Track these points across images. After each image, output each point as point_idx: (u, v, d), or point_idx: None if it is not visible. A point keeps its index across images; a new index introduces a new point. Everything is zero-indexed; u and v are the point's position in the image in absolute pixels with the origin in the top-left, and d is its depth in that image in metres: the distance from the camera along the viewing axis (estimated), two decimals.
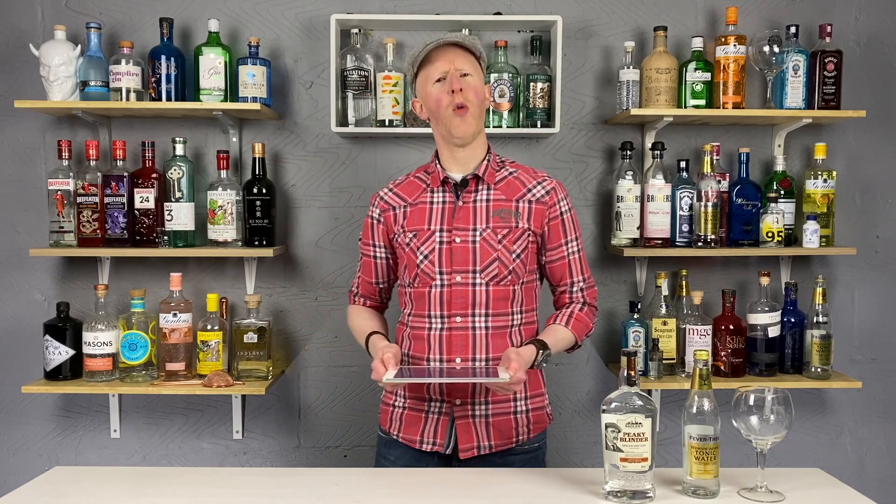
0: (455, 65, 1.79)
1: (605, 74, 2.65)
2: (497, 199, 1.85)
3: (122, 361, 2.45)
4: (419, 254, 1.83)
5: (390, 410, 1.92)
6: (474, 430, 1.84)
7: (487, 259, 1.81)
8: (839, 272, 2.72)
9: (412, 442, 1.87)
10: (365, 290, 2.02)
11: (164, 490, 1.63)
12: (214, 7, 2.60)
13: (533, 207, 1.85)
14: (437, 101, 1.80)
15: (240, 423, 2.66)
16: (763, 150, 2.67)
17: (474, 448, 1.84)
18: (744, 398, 1.58)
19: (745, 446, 1.66)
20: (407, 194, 1.91)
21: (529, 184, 1.88)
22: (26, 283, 2.66)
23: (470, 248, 1.81)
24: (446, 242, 1.82)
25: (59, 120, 2.61)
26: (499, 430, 1.84)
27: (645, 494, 1.54)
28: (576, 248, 1.90)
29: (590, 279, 1.93)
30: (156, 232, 2.47)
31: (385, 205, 1.92)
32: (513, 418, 1.85)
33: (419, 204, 1.88)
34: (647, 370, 2.48)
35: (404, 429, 1.88)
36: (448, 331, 1.82)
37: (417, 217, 1.86)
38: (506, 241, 1.82)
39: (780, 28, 2.55)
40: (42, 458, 2.69)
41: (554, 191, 1.88)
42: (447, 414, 1.84)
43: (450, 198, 1.86)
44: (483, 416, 1.83)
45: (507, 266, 1.81)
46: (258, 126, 2.64)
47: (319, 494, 1.61)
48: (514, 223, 1.83)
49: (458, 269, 1.81)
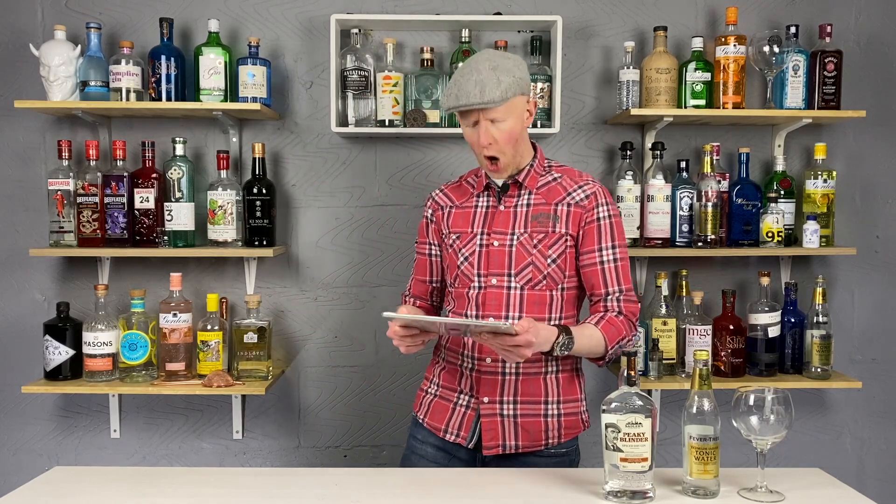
0: (484, 115, 1.74)
1: (605, 74, 2.65)
2: (537, 203, 1.85)
3: (122, 361, 2.45)
4: (460, 255, 1.87)
5: (422, 395, 1.97)
6: (501, 428, 1.83)
7: (522, 263, 1.82)
8: (839, 272, 2.72)
9: (437, 430, 1.90)
10: (416, 290, 2.03)
11: (164, 490, 1.63)
12: (214, 7, 2.60)
13: (571, 211, 1.83)
14: (471, 143, 1.83)
15: (240, 423, 2.66)
16: (763, 150, 2.67)
17: (499, 447, 1.84)
18: (744, 398, 1.58)
19: (745, 446, 1.66)
20: (456, 196, 1.95)
21: (570, 188, 1.86)
22: (26, 283, 2.66)
23: (506, 251, 1.83)
24: (485, 245, 1.85)
25: (59, 120, 2.61)
26: (527, 431, 1.83)
27: (645, 494, 1.54)
28: (612, 257, 1.82)
29: (629, 292, 1.84)
30: (156, 232, 2.47)
31: (435, 204, 1.98)
32: (542, 421, 1.84)
33: (465, 207, 1.92)
34: (647, 370, 2.48)
35: (430, 415, 1.92)
36: None
37: (462, 219, 1.90)
38: (541, 246, 1.82)
39: (780, 28, 2.55)
40: (42, 458, 2.69)
41: (594, 195, 1.84)
42: (474, 409, 1.85)
43: (492, 202, 1.89)
44: (511, 416, 1.83)
45: (542, 271, 1.81)
46: (258, 126, 2.64)
47: (319, 494, 1.61)
48: (551, 227, 1.82)
49: (493, 272, 1.83)
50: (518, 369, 1.82)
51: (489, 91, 1.71)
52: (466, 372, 1.86)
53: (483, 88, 1.71)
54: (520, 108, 1.78)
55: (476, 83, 1.71)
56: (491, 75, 1.71)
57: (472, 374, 1.85)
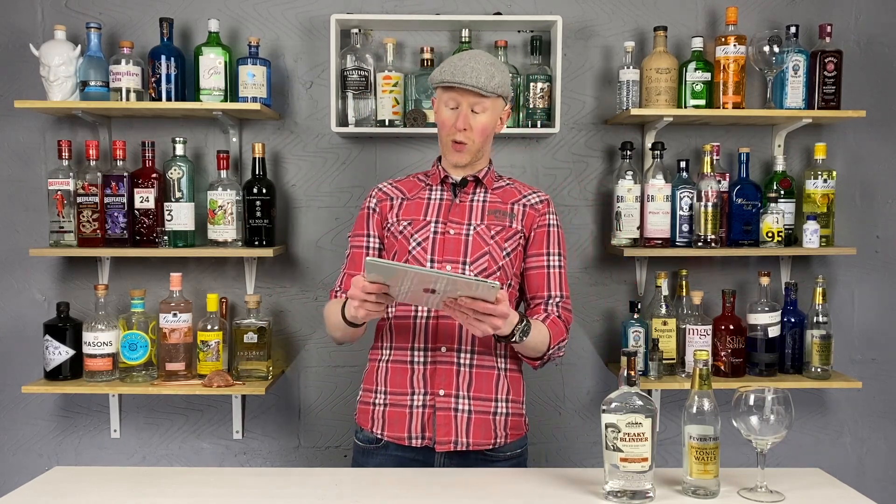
0: (468, 101, 1.80)
1: (605, 74, 2.65)
2: (493, 200, 1.90)
3: (122, 361, 2.45)
4: (412, 241, 1.85)
5: (370, 409, 1.89)
6: (454, 424, 1.82)
7: (478, 252, 1.83)
8: (839, 272, 2.72)
9: (399, 440, 1.84)
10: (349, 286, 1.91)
11: (164, 490, 1.63)
12: (214, 7, 2.60)
13: (526, 211, 1.91)
14: (443, 123, 1.85)
15: (240, 423, 2.66)
16: (763, 150, 2.67)
17: (451, 442, 1.82)
18: (744, 398, 1.58)
19: (745, 446, 1.66)
20: (406, 189, 1.95)
21: (525, 192, 1.94)
22: (26, 283, 2.66)
23: (462, 239, 1.84)
24: (440, 233, 1.85)
25: (59, 120, 2.61)
26: (478, 428, 1.83)
27: (645, 494, 1.54)
28: (558, 263, 1.90)
29: (568, 300, 1.90)
30: (156, 232, 2.47)
31: (383, 195, 1.94)
32: (492, 419, 1.84)
33: (417, 199, 1.91)
34: (647, 370, 2.48)
35: (388, 426, 1.85)
36: (434, 319, 1.83)
37: (414, 209, 1.90)
38: (498, 238, 1.85)
39: (780, 28, 2.55)
40: (42, 458, 2.69)
41: (547, 202, 1.94)
42: (430, 406, 1.83)
43: (447, 195, 1.91)
44: (465, 412, 1.82)
45: (497, 262, 1.84)
46: (258, 126, 2.64)
47: (319, 494, 1.61)
48: (507, 222, 1.88)
49: (448, 259, 1.82)
50: (472, 360, 1.83)
51: (484, 80, 1.78)
52: (418, 366, 1.83)
53: (478, 75, 1.78)
54: (499, 109, 1.86)
55: (472, 69, 1.78)
56: (487, 68, 1.80)
57: (426, 366, 1.83)
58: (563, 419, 2.71)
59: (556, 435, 2.71)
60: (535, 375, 2.69)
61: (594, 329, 2.70)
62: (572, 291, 2.66)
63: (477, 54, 1.82)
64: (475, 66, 1.78)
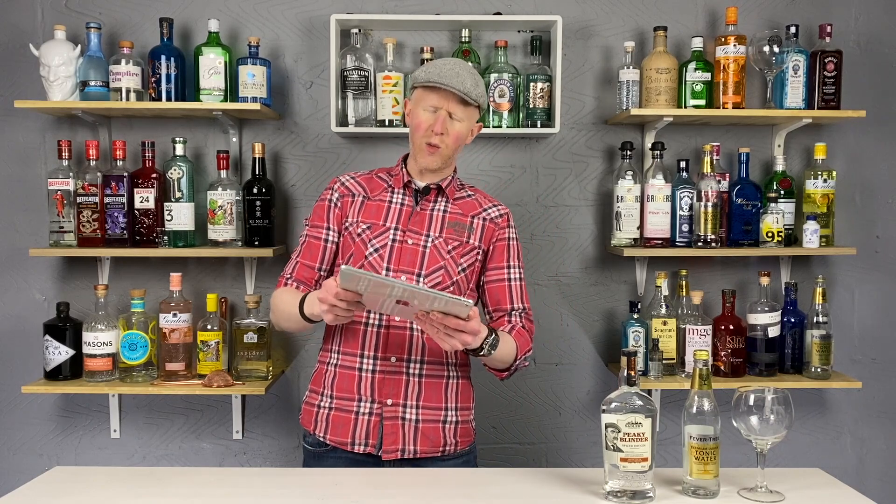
0: (448, 106, 1.81)
1: (605, 74, 2.65)
2: (454, 212, 1.90)
3: (122, 361, 2.45)
4: (370, 246, 1.84)
5: (315, 411, 1.88)
6: (402, 432, 1.82)
7: (434, 265, 1.83)
8: (839, 272, 2.72)
9: (343, 444, 1.83)
10: (301, 275, 1.89)
11: (164, 490, 1.63)
12: (214, 7, 2.60)
13: (486, 225, 1.91)
14: (419, 124, 1.83)
15: (240, 423, 2.66)
16: (763, 150, 2.67)
17: (398, 451, 1.82)
18: (744, 398, 1.58)
19: (745, 446, 1.66)
20: (368, 187, 1.92)
21: (485, 205, 1.94)
22: (26, 283, 2.66)
23: (420, 251, 1.84)
24: (399, 241, 1.84)
25: (59, 120, 2.61)
26: (426, 437, 1.83)
27: (645, 494, 1.54)
28: (518, 276, 1.92)
29: (530, 311, 1.93)
30: (156, 232, 2.47)
31: (345, 190, 1.92)
32: (441, 427, 1.85)
33: (378, 200, 1.90)
34: (647, 370, 2.48)
35: (332, 430, 1.84)
36: (385, 328, 1.82)
37: (374, 212, 1.88)
38: (454, 253, 1.85)
39: (780, 28, 2.55)
40: (42, 458, 2.69)
41: (507, 216, 1.95)
42: (378, 415, 1.82)
43: (409, 201, 1.90)
44: (413, 421, 1.82)
45: (451, 277, 1.84)
46: (258, 126, 2.64)
47: (319, 494, 1.61)
48: (466, 237, 1.88)
49: (403, 269, 1.82)
50: (422, 371, 1.83)
51: (470, 86, 1.80)
52: (366, 374, 1.82)
53: (464, 81, 1.80)
54: (473, 120, 1.88)
55: (457, 74, 1.80)
56: (471, 77, 1.82)
57: (374, 375, 1.82)
58: (563, 419, 2.71)
59: (556, 435, 2.71)
60: (535, 375, 2.69)
61: (594, 329, 2.70)
62: (572, 291, 2.69)
63: (460, 62, 1.85)
64: (460, 71, 1.80)
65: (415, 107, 1.85)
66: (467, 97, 1.79)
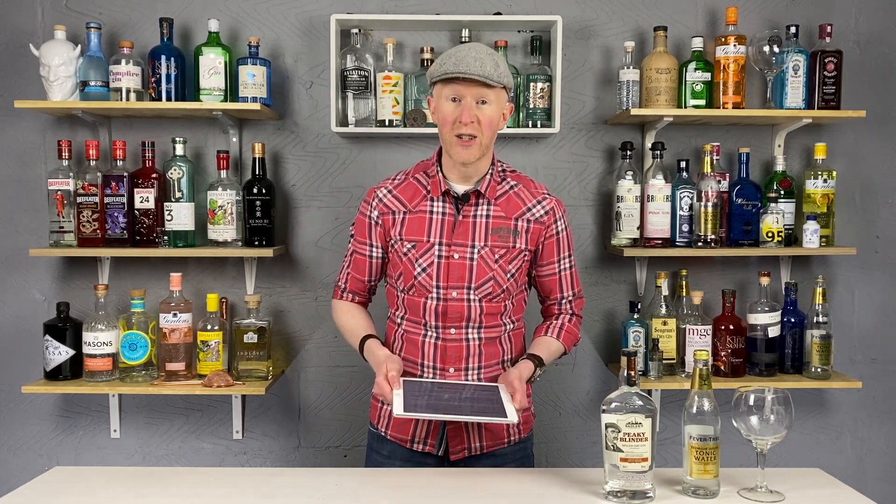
0: (473, 91, 1.73)
1: (605, 74, 2.65)
2: (497, 215, 1.84)
3: (122, 361, 2.45)
4: (417, 266, 1.83)
5: (380, 407, 1.93)
6: (465, 433, 1.85)
7: (483, 278, 1.82)
8: (839, 272, 2.72)
9: (403, 441, 1.88)
10: (354, 286, 1.95)
11: (164, 490, 1.63)
12: (214, 7, 2.60)
13: (531, 227, 1.85)
14: (444, 119, 1.76)
15: (240, 423, 2.66)
16: (763, 150, 2.67)
17: (465, 450, 1.86)
18: (744, 398, 1.58)
19: (745, 446, 1.66)
20: (407, 198, 1.87)
21: (529, 202, 1.87)
22: (26, 283, 2.66)
23: (467, 265, 1.81)
24: (445, 257, 1.82)
25: (59, 120, 2.61)
26: (490, 432, 1.87)
27: (645, 494, 1.54)
28: (568, 265, 1.93)
29: (579, 291, 1.97)
30: (156, 232, 2.47)
31: (384, 208, 1.88)
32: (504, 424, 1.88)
33: (419, 212, 1.85)
34: (647, 370, 2.48)
35: (393, 427, 1.89)
36: (443, 341, 1.84)
37: (417, 226, 1.84)
38: (502, 262, 1.83)
39: (780, 28, 2.55)
40: (42, 458, 2.69)
41: (553, 211, 1.88)
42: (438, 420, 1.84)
43: (450, 210, 1.84)
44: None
45: (501, 286, 1.83)
46: (258, 126, 2.64)
47: (319, 494, 1.61)
48: (511, 243, 1.83)
49: (453, 285, 1.81)
50: (480, 375, 1.85)
51: (490, 68, 1.72)
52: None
53: (483, 64, 1.72)
54: (503, 101, 1.79)
55: (475, 58, 1.72)
56: (490, 59, 1.74)
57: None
58: (563, 419, 2.71)
59: (556, 435, 2.71)
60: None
61: (594, 329, 2.70)
62: None
63: (477, 45, 1.77)
64: (478, 55, 1.72)
65: (437, 101, 1.78)
66: (489, 80, 1.71)
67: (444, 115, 1.76)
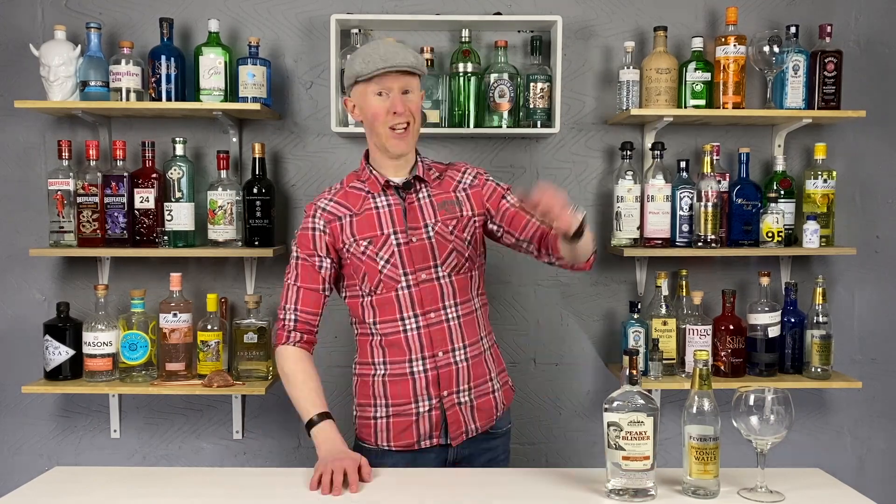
0: (399, 83, 1.80)
1: (605, 74, 2.65)
2: (437, 193, 1.91)
3: (122, 361, 2.45)
4: (379, 259, 1.83)
5: (372, 423, 1.90)
6: (461, 416, 1.88)
7: (445, 251, 1.85)
8: (839, 272, 2.72)
9: (410, 446, 1.88)
10: (304, 317, 1.88)
11: (164, 490, 1.64)
12: (214, 7, 2.60)
13: (470, 193, 1.93)
14: (375, 114, 1.82)
15: (240, 423, 2.66)
16: (763, 150, 2.67)
17: (463, 433, 1.89)
18: (744, 398, 1.58)
19: (745, 446, 1.66)
20: (350, 203, 1.89)
21: (458, 176, 1.95)
22: (26, 283, 2.66)
23: (427, 244, 1.85)
24: (404, 243, 1.84)
25: (59, 120, 2.61)
26: (483, 411, 1.90)
27: (647, 493, 1.54)
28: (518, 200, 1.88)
29: None
30: (156, 232, 2.47)
31: (329, 216, 1.88)
32: (492, 398, 1.92)
33: (365, 211, 1.87)
34: (648, 370, 2.48)
35: (395, 437, 1.88)
36: (426, 328, 1.85)
37: (367, 224, 1.86)
38: (457, 231, 1.88)
39: (780, 28, 2.55)
40: (42, 458, 2.69)
41: (479, 174, 1.96)
42: (438, 408, 1.86)
43: (395, 200, 1.88)
44: (468, 402, 1.88)
45: (464, 254, 1.87)
46: (258, 126, 2.64)
47: (319, 494, 1.61)
48: (459, 213, 1.89)
49: (420, 267, 1.84)
50: (466, 354, 1.87)
51: (412, 59, 1.80)
52: (419, 376, 1.85)
53: (407, 55, 1.80)
54: (419, 88, 1.87)
55: (397, 52, 1.79)
56: (406, 49, 1.82)
57: (427, 374, 1.85)
58: (563, 419, 2.71)
59: (556, 435, 2.71)
60: (535, 375, 2.69)
61: (594, 329, 2.70)
62: (573, 291, 2.69)
63: (387, 40, 1.84)
64: (396, 49, 1.79)
65: (362, 99, 1.83)
66: (417, 69, 1.80)
67: (375, 111, 1.81)
